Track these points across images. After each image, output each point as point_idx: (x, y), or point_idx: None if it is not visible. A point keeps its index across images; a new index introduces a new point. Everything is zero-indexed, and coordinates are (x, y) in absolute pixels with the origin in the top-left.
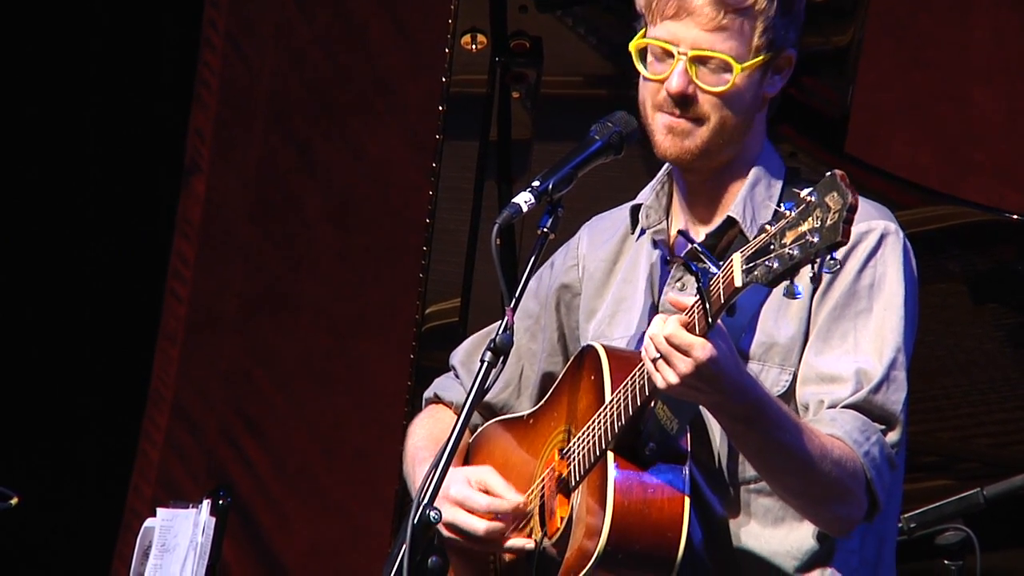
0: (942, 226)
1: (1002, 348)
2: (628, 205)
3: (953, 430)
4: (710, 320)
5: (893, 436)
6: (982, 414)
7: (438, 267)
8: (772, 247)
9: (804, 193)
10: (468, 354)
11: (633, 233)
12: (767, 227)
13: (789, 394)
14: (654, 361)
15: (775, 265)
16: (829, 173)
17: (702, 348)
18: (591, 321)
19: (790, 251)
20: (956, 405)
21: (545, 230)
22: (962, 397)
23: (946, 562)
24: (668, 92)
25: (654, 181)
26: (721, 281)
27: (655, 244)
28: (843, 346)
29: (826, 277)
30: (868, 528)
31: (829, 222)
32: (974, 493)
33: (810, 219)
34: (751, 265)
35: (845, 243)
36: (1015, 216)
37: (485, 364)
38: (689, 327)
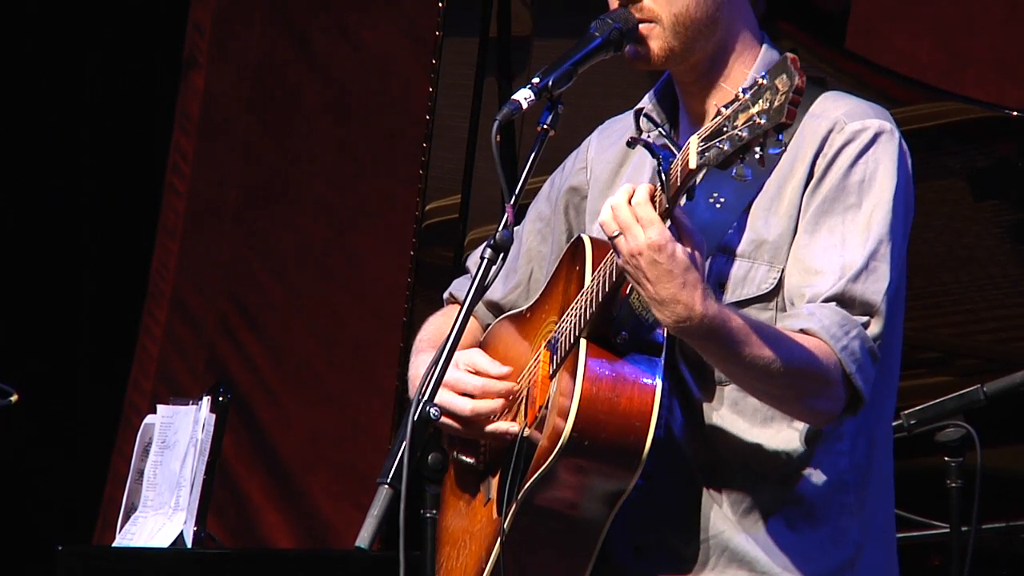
0: (942, 122)
1: (1002, 244)
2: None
3: (953, 326)
4: (668, 203)
5: (875, 328)
6: (982, 310)
7: (438, 164)
8: (725, 129)
9: (759, 77)
10: None
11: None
12: (722, 110)
13: (777, 291)
14: (614, 233)
15: (725, 147)
16: (781, 56)
17: (659, 231)
18: (595, 222)
19: (739, 132)
20: (956, 301)
21: (545, 127)
22: (962, 293)
23: (946, 459)
24: None
25: (657, 85)
26: (679, 163)
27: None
28: (830, 239)
29: (818, 173)
30: (859, 430)
31: (776, 103)
32: (974, 389)
33: (760, 101)
34: (705, 147)
35: (789, 124)
36: (1015, 112)
37: (485, 261)
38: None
